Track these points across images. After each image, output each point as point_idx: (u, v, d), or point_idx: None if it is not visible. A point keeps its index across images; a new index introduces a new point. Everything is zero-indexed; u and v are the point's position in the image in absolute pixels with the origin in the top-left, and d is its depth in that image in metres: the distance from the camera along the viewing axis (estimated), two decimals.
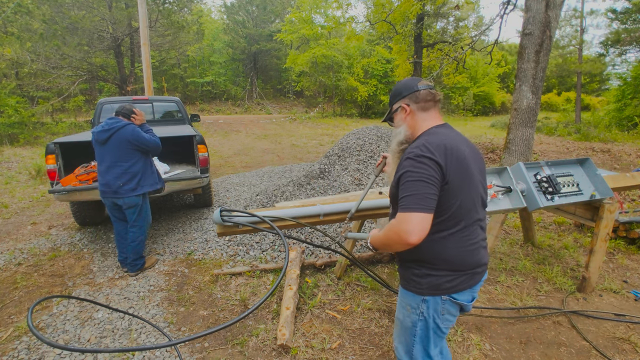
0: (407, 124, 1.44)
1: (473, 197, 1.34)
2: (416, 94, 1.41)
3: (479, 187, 1.38)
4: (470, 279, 1.37)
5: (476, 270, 1.38)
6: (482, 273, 1.42)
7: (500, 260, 3.50)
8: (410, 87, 1.43)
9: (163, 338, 2.43)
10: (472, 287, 1.40)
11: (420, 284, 1.38)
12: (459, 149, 1.29)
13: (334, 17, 16.39)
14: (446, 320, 1.43)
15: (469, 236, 1.34)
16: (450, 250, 1.32)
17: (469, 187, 1.32)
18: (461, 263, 1.34)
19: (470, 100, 27.06)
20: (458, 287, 1.36)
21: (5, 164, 8.44)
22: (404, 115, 1.44)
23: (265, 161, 9.33)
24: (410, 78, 1.48)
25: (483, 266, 1.41)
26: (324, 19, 22.89)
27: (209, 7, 38.19)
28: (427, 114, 1.42)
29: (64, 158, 3.96)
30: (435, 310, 1.39)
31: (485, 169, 1.47)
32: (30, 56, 12.96)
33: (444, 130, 1.37)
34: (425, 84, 1.43)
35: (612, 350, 2.29)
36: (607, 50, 18.77)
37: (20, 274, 3.38)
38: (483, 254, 1.41)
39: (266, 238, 3.86)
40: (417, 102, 1.41)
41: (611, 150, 9.23)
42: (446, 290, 1.35)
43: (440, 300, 1.37)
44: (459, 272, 1.35)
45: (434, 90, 1.43)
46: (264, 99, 27.66)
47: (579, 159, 2.87)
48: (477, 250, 1.37)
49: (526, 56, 6.00)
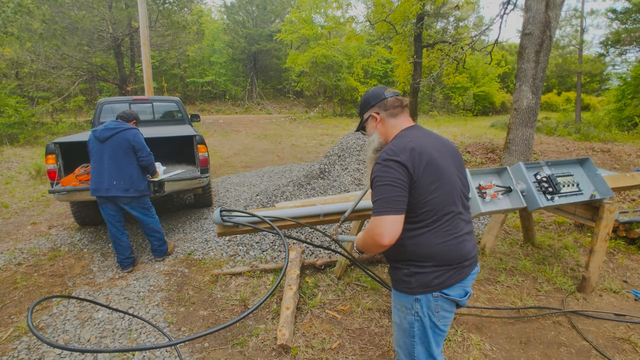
0: (378, 131, 1.51)
1: (450, 191, 1.36)
2: (384, 102, 1.48)
3: (456, 182, 1.40)
4: (459, 272, 1.38)
5: (463, 263, 1.39)
6: (470, 266, 1.42)
7: (500, 260, 3.50)
8: (378, 96, 1.50)
9: (163, 338, 2.43)
10: (463, 281, 1.40)
11: (410, 283, 1.39)
12: (425, 147, 1.33)
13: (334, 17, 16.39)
14: (442, 318, 1.43)
15: (451, 230, 1.35)
16: (433, 245, 1.34)
17: (444, 182, 1.34)
18: (446, 257, 1.35)
19: (470, 100, 27.06)
20: (447, 282, 1.37)
21: (5, 164, 8.44)
22: (375, 124, 1.51)
23: (265, 161, 9.33)
24: (376, 87, 1.55)
25: (470, 259, 1.42)
26: (324, 19, 22.87)
27: (209, 7, 38.17)
28: (396, 119, 1.48)
29: (64, 158, 3.96)
30: (429, 308, 1.40)
31: (462, 163, 1.50)
32: (30, 56, 12.96)
33: (411, 131, 1.42)
34: (391, 91, 1.51)
35: (612, 350, 2.29)
36: (607, 50, 18.78)
37: (20, 274, 3.38)
38: (469, 246, 1.41)
39: (266, 238, 3.86)
40: (386, 110, 1.48)
41: (611, 150, 9.23)
42: (436, 286, 1.36)
43: (432, 298, 1.38)
44: (445, 267, 1.36)
45: (400, 97, 1.50)
46: (264, 99, 27.66)
47: (579, 159, 2.87)
48: (461, 243, 1.37)
49: (526, 56, 6.00)
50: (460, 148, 9.86)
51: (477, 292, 2.95)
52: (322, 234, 1.95)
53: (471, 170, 2.49)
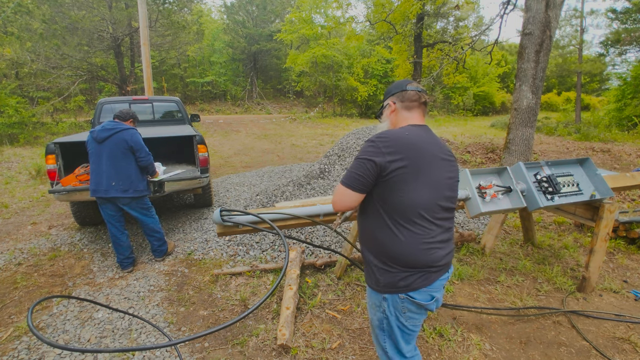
0: (390, 120, 1.51)
1: (431, 196, 1.34)
2: (403, 93, 1.47)
3: (442, 189, 1.38)
4: (426, 278, 1.36)
5: (430, 269, 1.36)
6: (438, 272, 1.39)
7: (500, 260, 3.50)
8: (400, 86, 1.50)
9: (163, 338, 2.43)
10: (429, 286, 1.38)
11: (379, 282, 1.41)
12: (419, 147, 1.33)
13: (334, 17, 16.39)
14: (410, 319, 1.43)
15: (424, 235, 1.34)
16: (401, 246, 1.33)
17: (425, 186, 1.32)
18: (413, 260, 1.34)
19: (470, 100, 27.05)
20: (413, 286, 1.36)
21: (5, 164, 8.44)
22: (389, 112, 1.52)
23: (265, 161, 9.32)
24: (404, 79, 1.56)
25: (438, 267, 1.38)
26: (324, 19, 22.88)
27: (209, 7, 38.16)
28: (410, 113, 1.47)
29: (64, 158, 3.96)
30: (396, 308, 1.41)
31: (456, 174, 1.48)
32: (30, 56, 12.96)
33: (415, 129, 1.40)
34: (415, 85, 1.49)
35: (612, 350, 2.29)
36: (607, 50, 18.78)
37: (20, 274, 3.38)
38: (439, 254, 1.37)
39: (266, 238, 3.86)
40: (402, 101, 1.47)
41: (611, 150, 9.23)
42: (402, 288, 1.36)
43: (398, 299, 1.39)
44: (412, 270, 1.35)
45: (421, 92, 1.48)
46: (264, 99, 27.65)
47: (579, 159, 2.87)
48: (431, 250, 1.35)
49: (526, 56, 6.00)
50: (461, 148, 9.86)
51: (477, 292, 2.95)
52: (323, 225, 1.96)
53: (471, 170, 2.49)
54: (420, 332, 2.42)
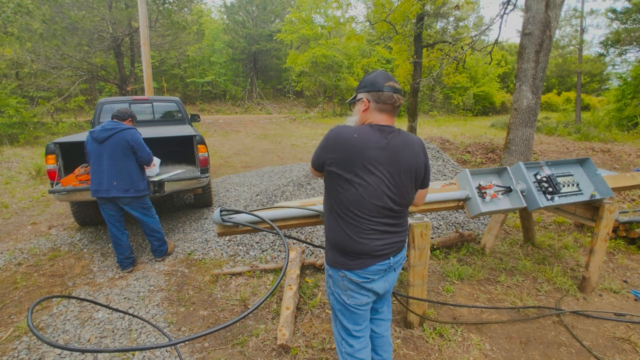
0: (360, 117, 1.53)
1: (369, 196, 1.41)
2: (379, 94, 1.46)
3: (381, 192, 1.42)
4: (360, 263, 1.48)
5: (362, 256, 1.47)
6: (373, 259, 1.48)
7: (500, 260, 3.50)
8: (377, 86, 1.46)
9: (163, 338, 2.43)
10: (365, 269, 1.48)
11: (327, 256, 1.59)
12: (359, 149, 1.38)
13: (334, 17, 16.36)
14: (351, 297, 1.54)
15: (360, 227, 1.44)
16: (338, 233, 1.49)
17: (360, 187, 1.40)
18: (347, 248, 1.47)
19: (470, 100, 27.04)
20: (347, 266, 1.49)
21: (5, 164, 8.44)
22: (362, 108, 1.52)
23: (265, 161, 9.32)
24: (381, 74, 1.50)
25: (374, 256, 1.47)
26: (324, 19, 22.86)
27: (209, 7, 38.11)
28: (381, 115, 1.48)
29: (64, 158, 3.96)
30: (337, 285, 1.55)
31: (420, 178, 1.54)
32: (30, 56, 12.95)
33: (370, 131, 1.44)
34: (391, 86, 1.46)
35: (612, 350, 2.29)
36: (607, 50, 18.77)
37: (20, 274, 3.38)
38: (375, 245, 1.46)
39: (266, 238, 3.86)
40: (377, 102, 1.47)
41: (611, 150, 9.23)
42: (340, 265, 1.51)
43: (339, 276, 1.53)
44: (347, 255, 1.49)
45: (396, 95, 1.46)
46: (264, 99, 27.65)
47: (579, 159, 2.87)
48: (365, 240, 1.45)
49: (526, 56, 5.99)
50: (461, 148, 9.86)
51: (477, 292, 2.95)
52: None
53: (471, 170, 2.49)
54: (420, 332, 2.42)
